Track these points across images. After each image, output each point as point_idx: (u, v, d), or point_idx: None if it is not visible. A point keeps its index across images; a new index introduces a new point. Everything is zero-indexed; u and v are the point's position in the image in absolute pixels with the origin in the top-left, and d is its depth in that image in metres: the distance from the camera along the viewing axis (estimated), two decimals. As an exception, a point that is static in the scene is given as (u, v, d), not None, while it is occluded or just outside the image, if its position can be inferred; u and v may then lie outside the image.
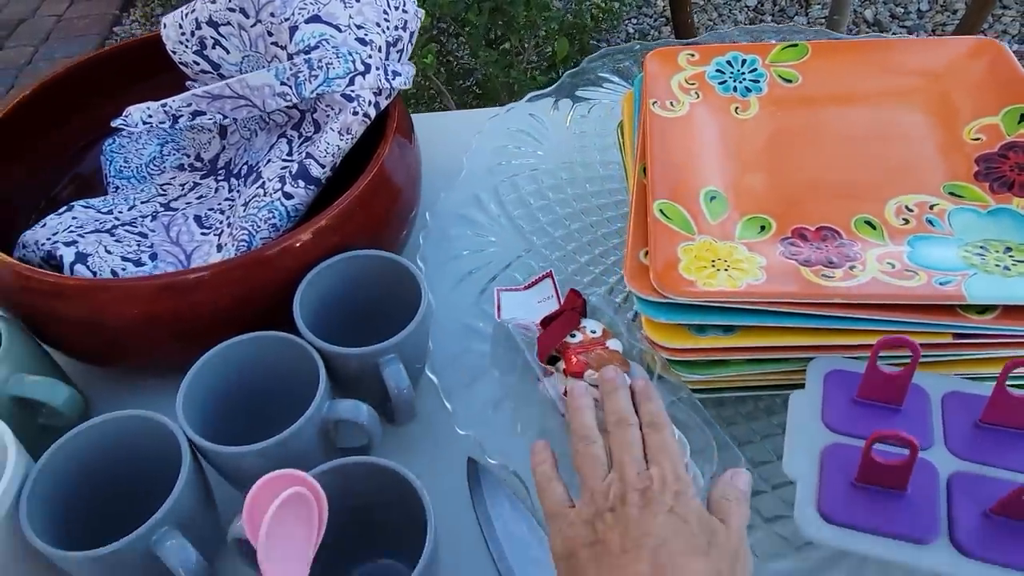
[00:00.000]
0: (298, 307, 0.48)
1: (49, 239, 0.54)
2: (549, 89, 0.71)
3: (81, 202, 0.59)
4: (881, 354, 0.41)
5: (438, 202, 0.62)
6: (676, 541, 0.34)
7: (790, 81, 0.58)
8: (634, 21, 2.31)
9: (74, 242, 0.54)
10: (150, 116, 0.58)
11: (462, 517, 0.48)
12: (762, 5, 2.27)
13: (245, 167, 0.61)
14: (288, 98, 0.54)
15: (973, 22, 1.84)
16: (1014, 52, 0.60)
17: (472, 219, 0.61)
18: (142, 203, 0.61)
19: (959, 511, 0.37)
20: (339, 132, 0.53)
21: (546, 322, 0.48)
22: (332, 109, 0.55)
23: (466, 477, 0.50)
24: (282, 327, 0.47)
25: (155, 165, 0.66)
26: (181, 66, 0.63)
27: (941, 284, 0.42)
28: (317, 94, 0.53)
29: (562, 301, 0.51)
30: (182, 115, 0.58)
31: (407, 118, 0.61)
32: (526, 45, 1.81)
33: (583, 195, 0.63)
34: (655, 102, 0.56)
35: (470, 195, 0.63)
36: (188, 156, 0.65)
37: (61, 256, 0.52)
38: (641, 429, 0.39)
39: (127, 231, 0.57)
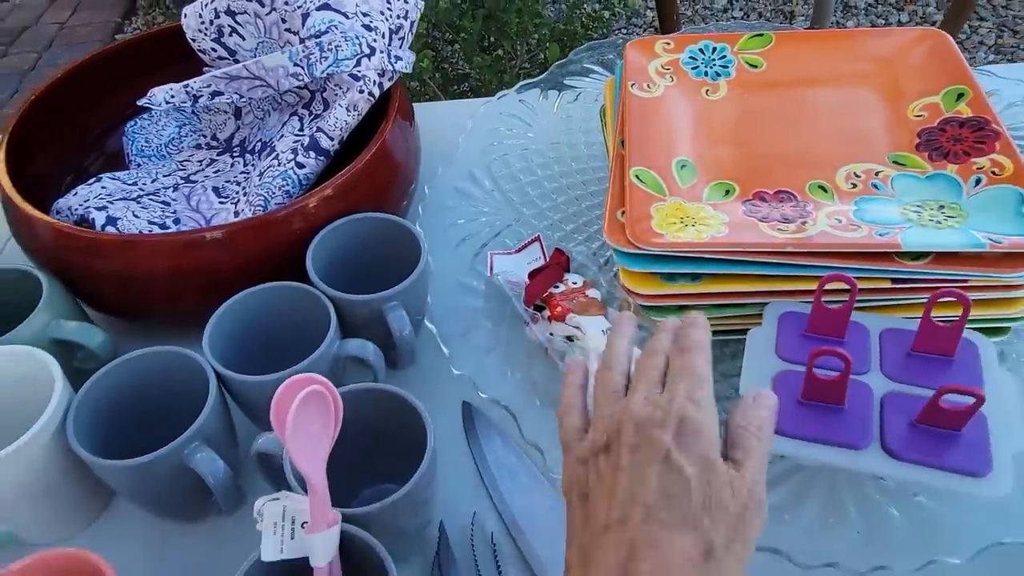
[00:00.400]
0: (310, 260, 0.53)
1: (82, 205, 0.59)
2: (539, 78, 0.77)
3: (108, 174, 0.64)
4: (827, 298, 0.46)
5: (436, 177, 0.67)
6: (665, 507, 0.30)
7: (756, 67, 0.64)
8: (624, 31, 2.38)
9: (104, 207, 0.59)
10: (172, 96, 0.63)
11: (458, 453, 0.53)
12: (747, 18, 2.35)
13: (259, 144, 0.67)
14: (300, 78, 0.60)
15: (949, 31, 1.91)
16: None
17: (467, 192, 0.67)
18: (164, 176, 0.66)
19: (889, 422, 0.42)
20: (347, 108, 0.59)
21: (533, 275, 0.54)
22: (340, 88, 0.60)
23: (461, 418, 0.55)
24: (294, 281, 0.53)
25: (174, 145, 0.71)
26: (200, 53, 0.69)
27: (880, 235, 0.48)
28: (327, 74, 0.59)
29: (548, 259, 0.57)
30: (202, 95, 0.63)
31: (407, 100, 0.67)
32: (519, 51, 1.87)
33: (568, 172, 0.69)
34: (633, 84, 0.62)
35: (465, 171, 0.69)
36: (205, 136, 0.71)
37: (93, 219, 0.58)
38: None
39: (151, 200, 0.62)
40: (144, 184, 0.64)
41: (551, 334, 0.51)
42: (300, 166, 0.58)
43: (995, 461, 0.40)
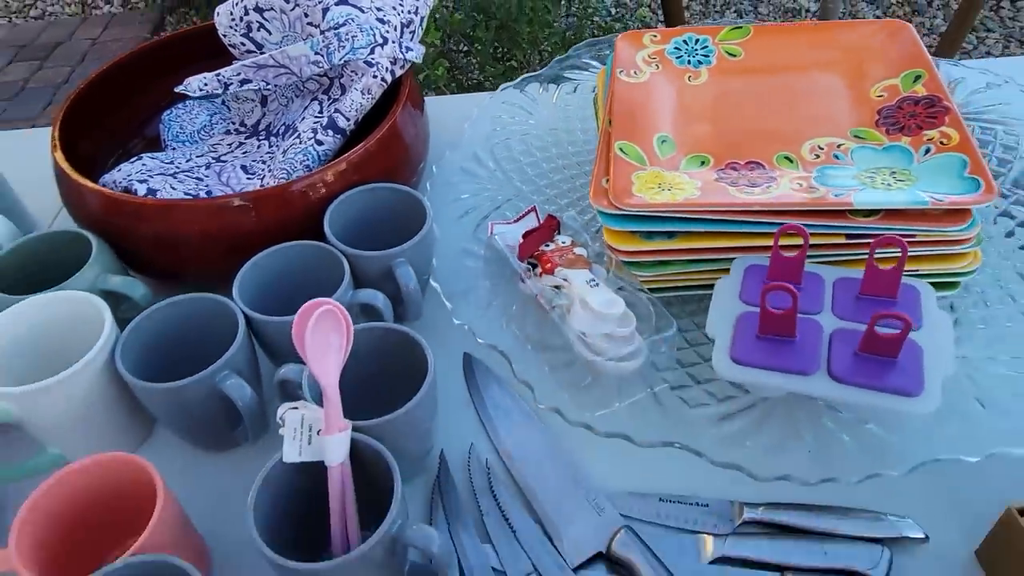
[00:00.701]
0: (328, 223, 0.59)
1: (125, 178, 0.66)
2: (540, 72, 0.83)
3: (148, 154, 0.71)
4: (785, 248, 0.52)
5: (443, 158, 0.74)
6: None
7: (735, 55, 0.70)
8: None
9: (145, 180, 0.66)
10: (206, 84, 0.70)
11: (459, 399, 0.59)
12: (754, 27, 2.41)
13: (283, 127, 0.74)
14: (321, 65, 0.67)
15: (954, 38, 1.97)
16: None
17: (471, 171, 0.73)
18: (197, 157, 0.73)
19: (836, 353, 0.48)
20: (361, 92, 0.66)
21: (527, 235, 0.60)
22: (356, 74, 0.67)
23: (463, 368, 0.61)
24: (313, 243, 0.59)
25: (205, 131, 0.78)
26: (231, 48, 0.76)
27: (836, 196, 0.54)
28: (344, 61, 0.66)
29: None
30: (232, 83, 0.70)
31: (418, 88, 0.73)
32: (531, 60, 1.95)
33: (564, 154, 0.75)
34: (622, 71, 0.69)
35: (470, 153, 0.75)
36: (234, 123, 0.78)
37: (135, 190, 0.64)
38: None
39: (186, 176, 0.69)
40: (179, 163, 0.71)
41: (543, 285, 0.57)
42: (319, 143, 0.65)
43: (926, 383, 0.45)
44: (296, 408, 0.44)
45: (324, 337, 0.42)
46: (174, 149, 0.76)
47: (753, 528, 0.49)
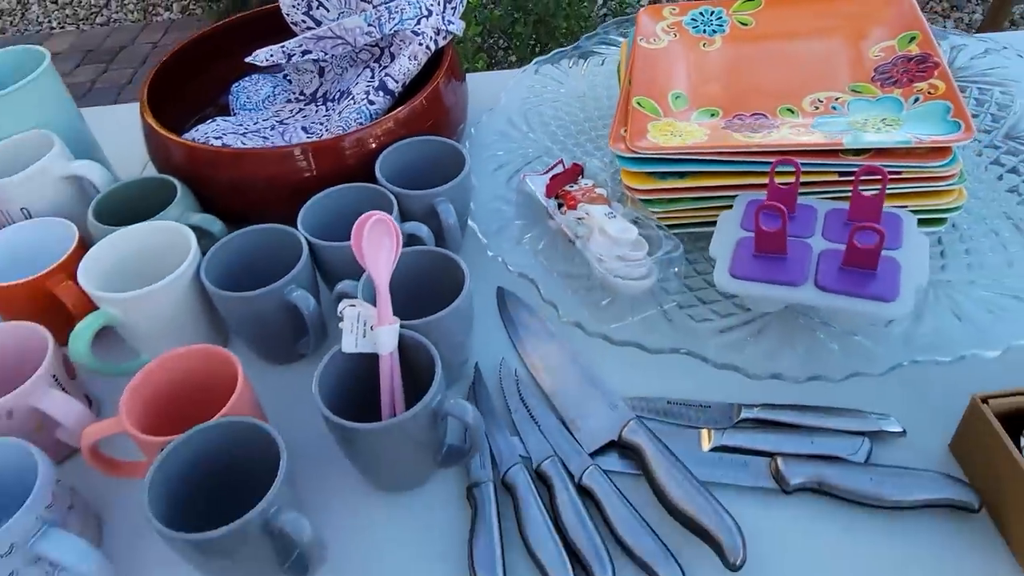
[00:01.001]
0: (378, 168, 0.68)
1: (203, 136, 0.75)
2: (570, 47, 0.91)
3: (220, 117, 0.81)
4: (781, 180, 0.58)
5: (480, 122, 0.82)
6: None
7: (746, 24, 0.77)
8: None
9: (220, 137, 0.75)
10: (272, 55, 0.80)
11: (492, 325, 0.66)
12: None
13: (338, 93, 0.83)
14: (373, 35, 0.75)
15: (995, 17, 1.99)
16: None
17: (506, 133, 0.81)
18: (263, 121, 0.82)
19: (822, 267, 0.54)
20: (409, 58, 0.74)
21: (554, 178, 0.67)
22: (404, 43, 0.76)
23: (496, 299, 0.68)
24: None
25: (269, 101, 0.87)
26: (292, 25, 0.85)
27: (829, 138, 0.60)
28: (393, 31, 0.74)
29: (567, 172, 0.70)
30: (294, 54, 0.79)
31: (458, 59, 0.82)
32: (567, 55, 2.02)
33: (590, 117, 0.83)
34: (642, 39, 0.76)
35: (505, 118, 0.83)
36: (294, 93, 0.87)
37: (211, 144, 0.74)
38: None
39: (254, 135, 0.78)
40: (248, 125, 0.80)
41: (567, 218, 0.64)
42: (371, 103, 0.74)
43: (902, 291, 0.52)
44: (353, 305, 0.52)
45: (378, 240, 0.50)
46: (241, 116, 0.85)
47: (749, 425, 0.55)
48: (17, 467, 0.50)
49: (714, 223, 0.64)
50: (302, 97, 0.86)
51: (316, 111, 0.83)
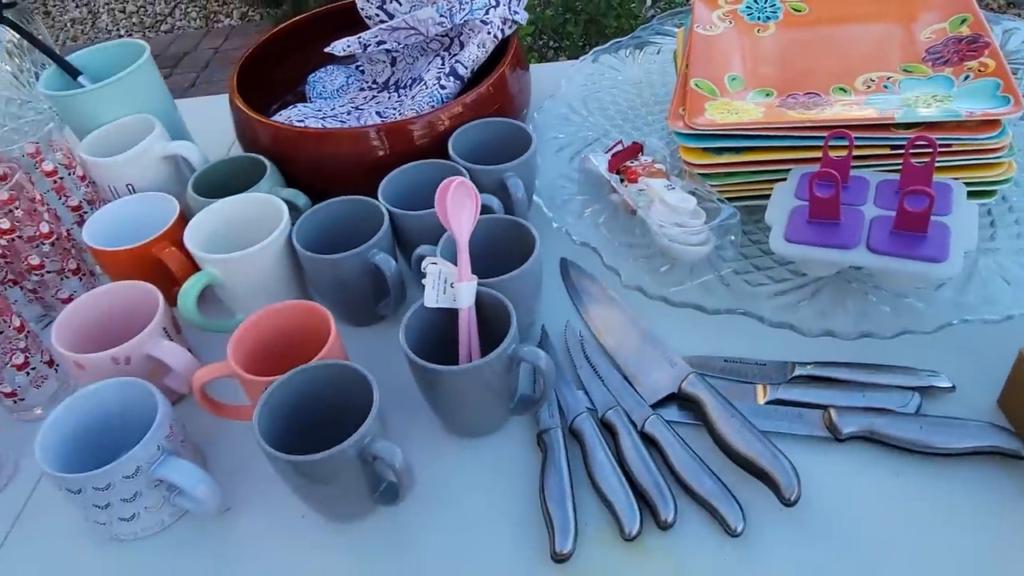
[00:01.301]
0: (451, 145, 0.73)
1: (286, 120, 0.81)
2: (627, 38, 0.95)
3: (300, 104, 0.87)
4: (834, 153, 0.62)
5: (542, 108, 0.86)
6: None
7: (799, 11, 0.80)
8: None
9: (302, 121, 0.81)
10: (348, 45, 0.85)
11: (557, 292, 0.70)
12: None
13: (409, 80, 0.88)
14: (444, 25, 0.80)
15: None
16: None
17: (567, 117, 0.86)
18: (340, 107, 0.88)
19: (874, 232, 0.57)
20: (477, 45, 0.79)
21: (615, 155, 0.71)
22: (473, 31, 0.81)
23: (559, 269, 0.73)
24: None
25: (342, 90, 0.93)
26: (366, 19, 0.91)
27: (880, 114, 0.63)
28: (463, 21, 0.79)
29: (627, 150, 0.74)
30: (370, 44, 0.85)
31: (522, 49, 0.86)
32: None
33: (647, 103, 0.87)
34: (698, 26, 0.80)
35: (565, 104, 0.87)
36: (367, 82, 0.93)
37: (296, 126, 0.79)
38: None
39: (332, 119, 0.84)
40: (326, 111, 0.86)
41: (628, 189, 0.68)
42: (443, 88, 0.79)
43: (951, 253, 0.54)
44: (435, 263, 0.57)
45: (460, 200, 0.55)
46: (318, 103, 0.91)
47: (802, 381, 0.59)
48: (139, 405, 0.56)
49: (767, 196, 0.67)
50: (375, 85, 0.92)
51: (388, 97, 0.89)
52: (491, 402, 0.57)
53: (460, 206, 0.55)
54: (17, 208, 0.66)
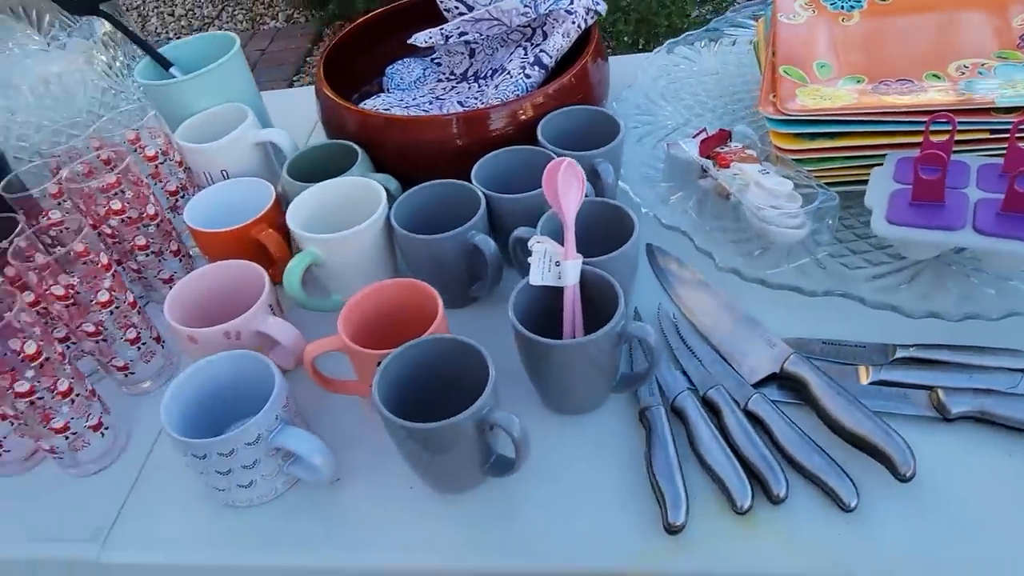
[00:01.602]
0: (540, 132, 0.74)
1: (371, 107, 0.83)
2: (702, 30, 0.96)
3: (381, 94, 0.89)
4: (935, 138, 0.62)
5: (620, 97, 0.87)
6: None
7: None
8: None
9: (387, 109, 0.83)
10: (431, 37, 0.87)
11: (646, 278, 0.71)
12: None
13: (489, 71, 0.89)
14: (528, 15, 0.82)
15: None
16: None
17: (644, 107, 0.86)
18: (420, 97, 0.90)
19: (980, 213, 0.57)
20: (562, 35, 0.80)
21: (704, 141, 0.72)
22: (557, 21, 0.82)
23: (647, 255, 0.73)
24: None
25: (420, 82, 0.95)
26: (444, 12, 0.92)
27: (980, 99, 0.63)
28: (548, 11, 0.81)
29: (714, 137, 0.75)
30: (452, 35, 0.87)
31: (601, 41, 0.87)
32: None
33: (724, 92, 0.87)
34: (782, 15, 0.80)
35: (643, 94, 0.88)
36: (444, 74, 0.94)
37: (383, 113, 0.81)
38: None
39: (415, 109, 0.86)
40: (407, 101, 0.88)
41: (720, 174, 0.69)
42: (527, 76, 0.80)
43: (1062, 234, 0.54)
44: (541, 242, 0.58)
45: (568, 182, 0.56)
46: (398, 94, 0.93)
47: (904, 364, 0.59)
48: (252, 377, 0.57)
49: (861, 182, 0.68)
50: (452, 77, 0.93)
51: (468, 88, 0.90)
52: (596, 379, 0.58)
53: (568, 186, 0.56)
54: (126, 190, 0.68)
